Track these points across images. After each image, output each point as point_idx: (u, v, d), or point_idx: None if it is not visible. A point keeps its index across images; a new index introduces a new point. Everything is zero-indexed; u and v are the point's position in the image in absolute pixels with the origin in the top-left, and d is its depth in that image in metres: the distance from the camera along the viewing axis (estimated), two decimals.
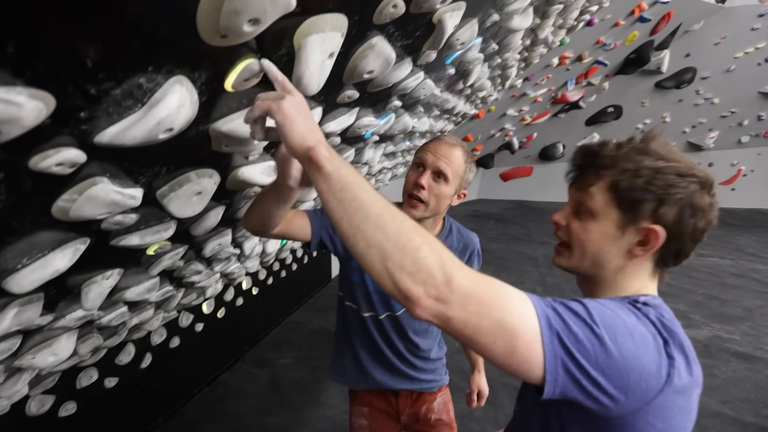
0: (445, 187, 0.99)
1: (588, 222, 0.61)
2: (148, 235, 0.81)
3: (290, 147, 0.51)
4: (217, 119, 0.62)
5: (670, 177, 0.56)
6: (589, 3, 2.28)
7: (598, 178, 0.60)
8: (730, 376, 2.59)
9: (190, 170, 0.72)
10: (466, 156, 1.01)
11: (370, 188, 0.49)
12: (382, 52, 0.77)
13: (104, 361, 1.72)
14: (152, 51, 0.42)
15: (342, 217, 0.47)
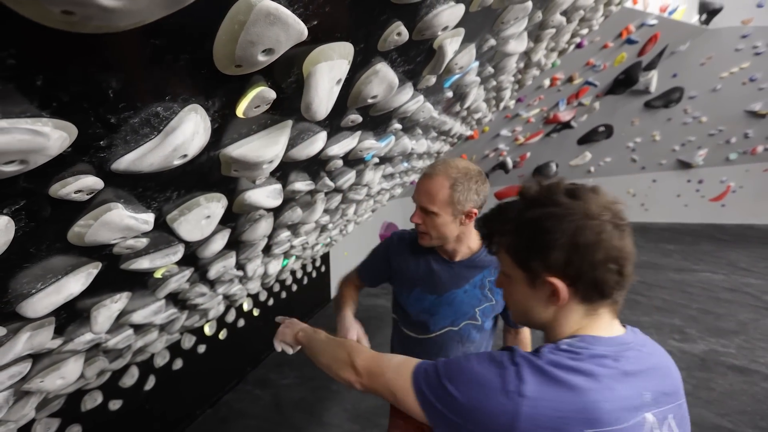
0: (436, 218, 1.04)
1: (508, 285, 0.66)
2: (157, 259, 0.82)
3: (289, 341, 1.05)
4: (228, 144, 0.64)
5: (544, 224, 0.57)
6: (579, 27, 2.37)
7: (498, 244, 0.65)
8: (727, 389, 2.61)
9: (200, 194, 0.74)
10: (450, 181, 1.02)
11: (323, 340, 0.94)
12: (386, 78, 0.80)
13: (109, 383, 1.70)
14: (170, 81, 0.45)
15: (311, 357, 0.95)
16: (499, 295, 1.12)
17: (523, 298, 0.63)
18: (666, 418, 0.57)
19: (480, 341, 1.19)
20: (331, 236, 2.82)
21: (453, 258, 1.14)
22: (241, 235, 1.19)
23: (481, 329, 1.16)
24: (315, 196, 1.39)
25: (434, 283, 1.15)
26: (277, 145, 0.68)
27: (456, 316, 1.14)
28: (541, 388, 0.52)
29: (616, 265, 0.56)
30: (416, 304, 1.19)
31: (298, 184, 1.07)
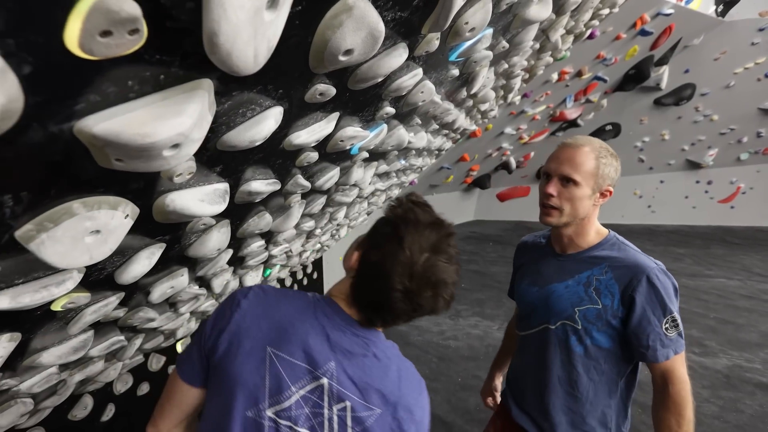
0: (576, 190, 0.96)
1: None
2: (26, 294, 0.55)
3: None
4: (84, 114, 0.37)
5: None
6: (602, 5, 2.10)
7: None
8: (757, 411, 2.37)
9: (72, 199, 0.47)
10: (596, 152, 0.96)
11: None
12: (365, 20, 0.53)
13: (52, 418, 1.44)
14: None
15: None
16: (609, 299, 0.96)
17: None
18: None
19: (587, 357, 0.99)
20: (321, 242, 2.55)
21: (565, 250, 1.06)
22: (187, 250, 0.92)
23: (584, 340, 0.98)
24: (288, 198, 1.12)
25: (540, 274, 1.09)
26: (181, 117, 0.41)
27: (552, 312, 1.03)
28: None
29: None
30: (523, 297, 1.14)
31: (257, 183, 0.80)
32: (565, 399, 1.02)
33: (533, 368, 1.08)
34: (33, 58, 0.30)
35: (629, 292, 0.92)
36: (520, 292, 1.15)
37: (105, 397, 1.76)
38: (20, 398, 1.05)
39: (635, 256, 0.96)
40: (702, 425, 2.23)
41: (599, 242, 1.02)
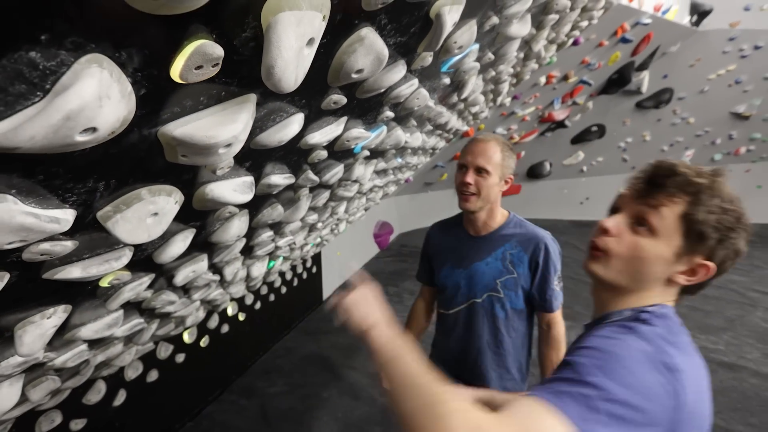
0: (488, 178, 1.11)
1: (645, 238, 0.59)
2: (93, 266, 0.67)
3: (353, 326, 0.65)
4: (168, 121, 0.50)
5: (732, 220, 0.57)
6: (580, 18, 2.26)
7: (672, 201, 0.58)
8: (718, 386, 2.60)
9: (141, 186, 0.59)
10: (500, 146, 1.13)
11: (416, 374, 0.53)
12: (374, 47, 0.66)
13: (69, 402, 1.53)
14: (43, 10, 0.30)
15: (387, 377, 0.56)
16: (522, 267, 1.16)
17: (654, 260, 0.60)
18: None
19: (507, 319, 1.19)
20: (322, 236, 2.67)
21: (480, 233, 1.22)
22: (211, 236, 1.04)
23: (505, 305, 1.18)
24: (298, 191, 1.24)
25: (461, 256, 1.23)
26: (236, 123, 0.54)
27: (478, 287, 1.19)
28: (681, 360, 0.53)
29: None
30: (447, 279, 1.26)
31: (275, 177, 0.93)
32: (492, 358, 1.21)
33: (464, 339, 1.24)
34: (148, 84, 0.42)
35: (535, 259, 1.14)
36: (443, 275, 1.27)
37: (117, 382, 1.86)
38: (50, 375, 1.15)
39: (534, 230, 1.19)
40: None
41: (505, 222, 1.21)
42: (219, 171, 0.68)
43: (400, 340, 0.59)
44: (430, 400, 0.49)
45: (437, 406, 0.47)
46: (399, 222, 7.13)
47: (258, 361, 3.08)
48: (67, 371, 1.26)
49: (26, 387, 1.06)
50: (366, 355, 3.17)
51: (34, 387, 1.09)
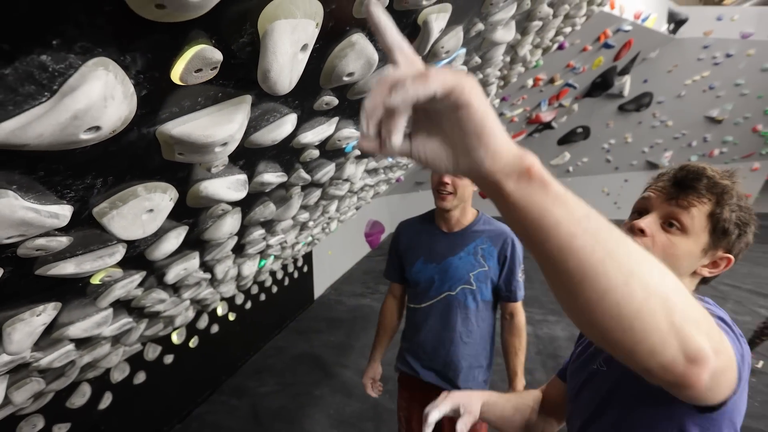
0: (466, 179, 1.13)
1: (676, 237, 0.64)
2: (86, 262, 0.68)
3: (495, 155, 0.31)
4: (166, 120, 0.51)
5: (748, 216, 0.63)
6: (563, 24, 2.32)
7: (701, 202, 0.63)
8: None
9: (137, 183, 0.61)
10: None
11: (629, 243, 0.33)
12: (364, 52, 0.69)
13: (51, 405, 1.51)
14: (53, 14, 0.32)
15: (604, 259, 0.30)
16: (492, 261, 1.25)
17: (685, 256, 0.64)
18: None
19: (477, 310, 1.27)
20: (313, 235, 2.68)
21: (452, 229, 1.29)
22: (203, 234, 1.05)
23: (477, 297, 1.26)
24: (290, 190, 1.26)
25: (434, 252, 1.29)
26: (232, 123, 0.56)
27: (453, 281, 1.26)
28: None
29: None
30: (420, 273, 1.31)
31: (268, 175, 0.94)
32: (464, 348, 1.28)
33: (437, 331, 1.29)
34: (149, 85, 0.44)
35: (503, 253, 1.24)
36: (416, 271, 1.32)
37: (102, 385, 1.84)
38: (35, 377, 1.14)
39: (501, 226, 1.27)
40: None
41: (475, 219, 1.29)
42: (214, 169, 0.70)
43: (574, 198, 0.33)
44: (671, 275, 0.33)
45: (679, 282, 0.33)
46: (390, 221, 7.18)
47: (249, 361, 3.08)
48: (51, 372, 1.25)
49: (9, 389, 1.05)
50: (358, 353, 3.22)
51: (18, 389, 1.08)
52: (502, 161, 0.31)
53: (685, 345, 0.31)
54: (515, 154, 0.32)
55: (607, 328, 0.31)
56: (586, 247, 0.30)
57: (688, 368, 0.32)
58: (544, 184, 0.31)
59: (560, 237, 0.31)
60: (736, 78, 6.90)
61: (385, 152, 0.32)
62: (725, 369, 0.37)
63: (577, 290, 0.31)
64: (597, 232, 0.31)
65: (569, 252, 0.31)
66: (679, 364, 0.32)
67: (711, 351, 0.32)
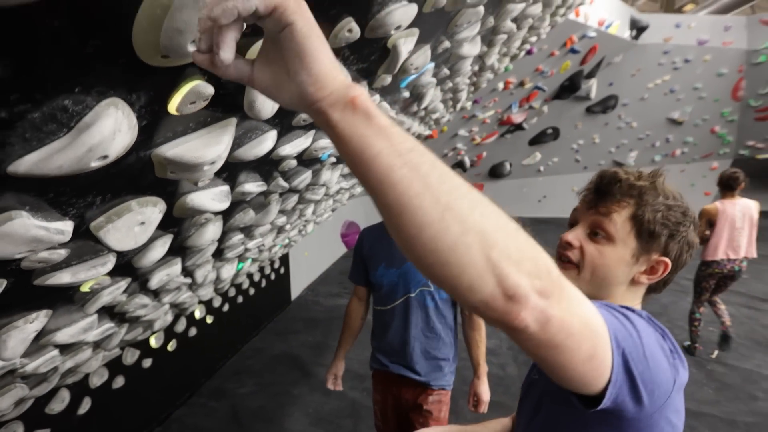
0: None
1: (603, 245, 0.63)
2: (81, 272, 0.72)
3: (317, 80, 0.31)
4: (161, 144, 0.58)
5: (678, 215, 0.61)
6: (529, 34, 2.47)
7: (620, 206, 0.62)
8: None
9: (131, 198, 0.66)
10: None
11: (453, 175, 0.34)
12: None
13: (31, 411, 1.51)
14: (78, 70, 0.38)
15: (421, 193, 0.30)
16: None
17: (616, 265, 0.63)
18: None
19: (437, 309, 1.38)
20: (290, 237, 2.72)
21: None
22: (186, 241, 1.10)
23: (435, 296, 1.37)
24: (269, 197, 1.32)
25: (394, 257, 1.38)
26: (220, 144, 0.63)
27: (412, 284, 1.36)
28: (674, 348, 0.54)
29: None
30: (383, 278, 1.40)
31: (249, 185, 1.01)
32: (425, 343, 1.40)
33: (400, 330, 1.40)
34: (149, 117, 0.51)
35: None
36: (379, 275, 1.41)
37: (81, 390, 1.84)
38: (19, 383, 1.16)
39: None
40: None
41: None
42: (200, 183, 0.76)
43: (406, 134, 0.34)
44: (499, 211, 0.34)
45: (509, 222, 0.34)
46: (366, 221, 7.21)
47: (227, 362, 3.09)
48: (34, 378, 1.26)
49: None
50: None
51: (3, 395, 1.10)
52: (327, 89, 0.31)
53: (503, 281, 0.31)
54: (341, 82, 0.32)
55: (428, 262, 0.32)
56: (404, 180, 0.30)
57: (507, 305, 0.32)
58: (369, 116, 0.31)
59: (380, 169, 0.31)
60: (694, 82, 7.38)
61: (217, 70, 0.32)
62: (575, 333, 0.36)
63: (398, 224, 0.31)
64: (418, 165, 0.31)
65: (388, 184, 0.31)
66: (498, 300, 0.31)
67: (533, 291, 0.32)
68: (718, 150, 8.72)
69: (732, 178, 2.96)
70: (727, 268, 3.01)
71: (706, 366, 2.99)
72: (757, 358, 3.09)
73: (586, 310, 0.38)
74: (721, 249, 2.97)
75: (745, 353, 3.17)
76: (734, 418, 2.39)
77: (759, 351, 3.21)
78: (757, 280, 4.89)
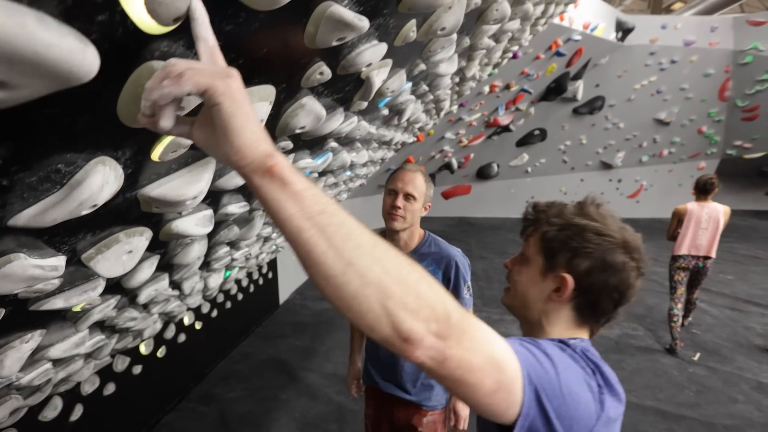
0: (414, 203, 1.29)
1: (523, 267, 0.70)
2: (73, 296, 0.78)
3: (239, 151, 0.36)
4: (146, 185, 0.63)
5: (588, 234, 0.63)
6: (510, 44, 2.54)
7: (535, 230, 0.69)
8: (635, 367, 3.03)
9: (119, 230, 0.72)
10: (424, 178, 1.33)
11: (347, 212, 0.39)
12: (313, 110, 0.83)
13: (25, 419, 1.55)
14: (70, 142, 0.44)
15: (325, 251, 0.36)
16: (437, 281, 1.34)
17: (528, 283, 0.68)
18: None
19: None
20: (277, 244, 2.77)
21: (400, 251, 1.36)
22: (173, 259, 1.15)
23: None
24: (252, 213, 1.37)
25: None
26: (201, 182, 0.69)
27: None
28: (602, 382, 0.55)
29: (619, 297, 0.64)
30: None
31: (232, 207, 1.06)
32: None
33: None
34: (134, 165, 0.56)
35: (447, 274, 1.33)
36: None
37: (73, 398, 1.87)
38: (14, 394, 1.20)
39: (446, 249, 1.36)
40: None
41: (422, 242, 1.38)
42: (184, 211, 0.81)
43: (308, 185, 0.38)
44: (401, 265, 0.39)
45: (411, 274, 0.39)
46: None
47: (216, 368, 3.13)
48: (28, 389, 1.30)
49: None
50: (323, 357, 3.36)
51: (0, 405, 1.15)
52: (247, 159, 0.36)
53: (397, 326, 0.37)
54: (260, 153, 0.36)
55: (336, 305, 0.38)
56: (311, 240, 0.36)
57: (403, 345, 0.38)
58: (284, 183, 0.36)
59: (291, 229, 0.37)
60: (681, 83, 7.48)
61: (160, 131, 0.37)
62: (476, 369, 0.40)
63: (309, 274, 0.38)
64: (325, 227, 0.36)
65: (298, 243, 0.37)
66: (395, 341, 0.38)
67: (429, 334, 0.38)
68: (706, 150, 8.82)
69: (708, 183, 3.19)
70: (692, 264, 3.26)
71: (687, 369, 3.02)
72: (739, 361, 3.11)
73: (492, 347, 0.43)
74: (684, 245, 3.25)
75: (727, 355, 3.19)
76: (713, 421, 2.41)
77: (741, 353, 3.23)
78: (742, 281, 4.91)
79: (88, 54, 0.31)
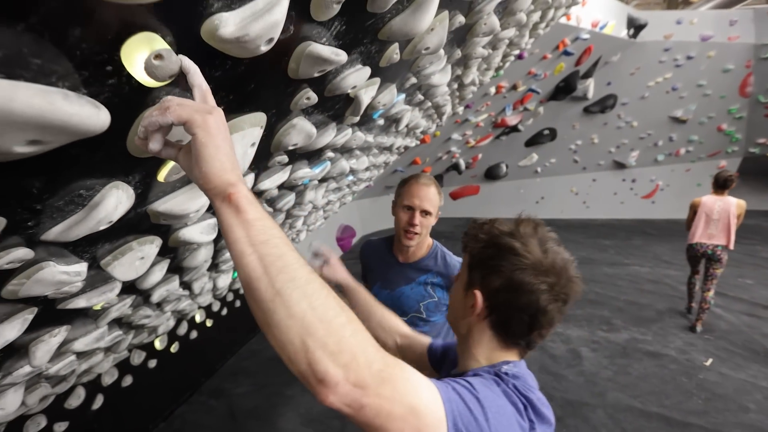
0: (430, 219, 1.31)
1: (457, 282, 0.73)
2: (94, 297, 0.88)
3: (205, 176, 0.43)
4: (154, 201, 0.73)
5: (503, 253, 0.62)
6: (509, 49, 2.57)
7: (467, 247, 0.71)
8: (641, 373, 2.94)
9: (132, 239, 0.82)
10: (437, 189, 1.33)
11: (294, 248, 0.43)
12: (304, 129, 0.91)
13: (53, 406, 1.70)
14: (89, 171, 0.54)
15: (260, 277, 0.40)
16: (440, 292, 1.35)
17: (455, 297, 0.70)
18: None
19: (430, 331, 1.36)
20: None
21: (408, 261, 1.39)
22: (182, 262, 1.26)
23: (428, 322, 1.37)
24: None
25: (389, 279, 1.40)
26: (202, 197, 0.78)
27: (404, 309, 1.36)
28: (534, 416, 0.55)
29: (530, 320, 0.61)
30: (377, 297, 1.42)
31: None
32: None
33: None
34: (143, 186, 0.66)
35: (450, 285, 1.32)
36: (374, 292, 1.39)
37: (95, 388, 2.02)
38: (43, 383, 1.33)
39: (450, 261, 1.36)
40: (597, 386, 2.75)
41: (428, 253, 1.38)
42: (189, 222, 0.91)
43: (269, 215, 0.45)
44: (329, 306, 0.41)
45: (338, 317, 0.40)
46: (361, 225, 7.26)
47: (225, 364, 3.26)
48: (55, 378, 1.44)
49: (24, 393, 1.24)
50: None
51: (30, 393, 1.28)
52: (211, 184, 0.43)
53: (313, 365, 0.38)
54: (224, 181, 0.43)
55: (263, 330, 0.41)
56: (250, 265, 0.40)
57: (318, 386, 0.39)
58: (238, 210, 0.42)
59: (235, 252, 0.42)
60: (698, 79, 7.16)
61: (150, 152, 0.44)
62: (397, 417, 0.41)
63: (246, 294, 0.42)
64: (264, 256, 0.40)
65: (239, 264, 0.41)
66: (311, 379, 0.39)
67: (346, 381, 0.38)
68: (726, 148, 8.45)
69: (728, 179, 3.44)
70: (701, 251, 3.54)
71: (697, 375, 2.88)
72: (753, 369, 2.95)
73: (414, 396, 0.43)
74: (697, 235, 3.54)
75: (740, 363, 3.04)
76: (721, 430, 2.31)
77: (756, 361, 3.06)
78: (762, 286, 4.59)
79: (101, 115, 0.40)
